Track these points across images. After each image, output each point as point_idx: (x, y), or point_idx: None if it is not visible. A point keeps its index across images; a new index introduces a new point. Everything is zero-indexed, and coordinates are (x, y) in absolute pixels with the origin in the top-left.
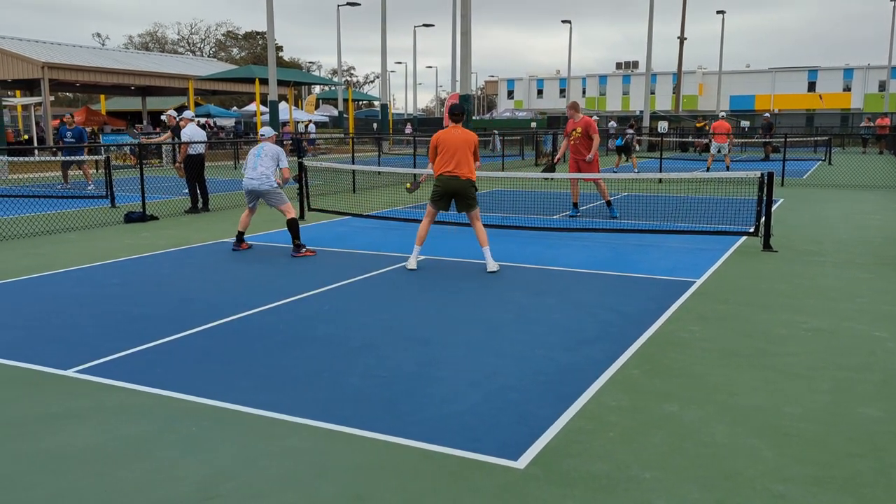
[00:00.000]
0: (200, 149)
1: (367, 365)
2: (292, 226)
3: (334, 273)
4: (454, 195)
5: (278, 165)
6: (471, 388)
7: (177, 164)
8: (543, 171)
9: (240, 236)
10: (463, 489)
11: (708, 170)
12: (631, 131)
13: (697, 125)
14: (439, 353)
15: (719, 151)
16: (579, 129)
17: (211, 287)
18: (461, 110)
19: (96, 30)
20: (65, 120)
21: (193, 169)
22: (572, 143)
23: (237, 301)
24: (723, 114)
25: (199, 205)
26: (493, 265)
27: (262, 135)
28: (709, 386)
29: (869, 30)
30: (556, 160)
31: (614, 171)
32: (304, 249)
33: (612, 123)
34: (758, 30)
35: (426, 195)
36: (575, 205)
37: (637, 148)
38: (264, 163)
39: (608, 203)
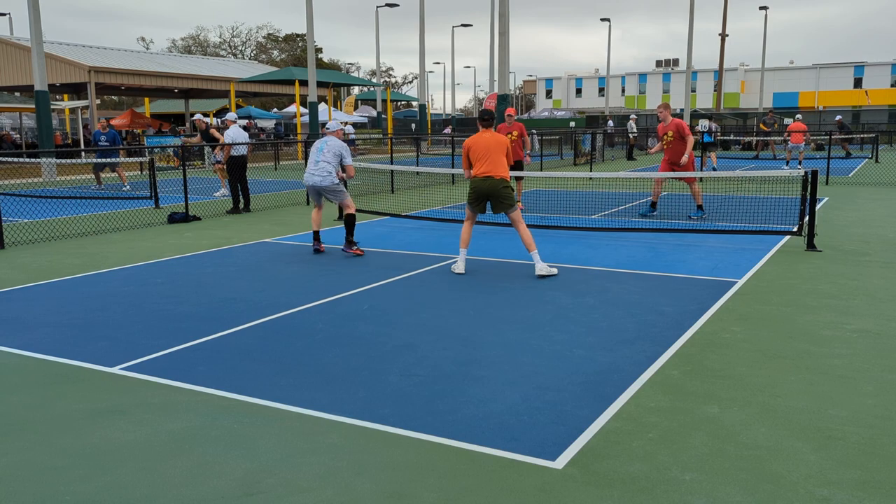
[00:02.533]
0: (243, 150)
1: (406, 364)
2: (349, 221)
3: (374, 273)
4: (488, 196)
5: (342, 162)
6: (509, 388)
7: (219, 166)
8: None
9: (316, 236)
10: (500, 489)
11: (787, 163)
12: (715, 126)
13: (764, 128)
14: (478, 352)
15: (795, 149)
16: (671, 133)
17: (252, 286)
18: (490, 115)
19: (141, 34)
20: (99, 126)
21: (235, 170)
22: (666, 147)
23: (278, 300)
24: (799, 116)
25: (241, 205)
26: (541, 269)
27: (327, 128)
28: (750, 387)
29: None
30: (649, 151)
31: (714, 169)
32: (354, 247)
33: (628, 124)
34: (801, 25)
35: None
36: (653, 204)
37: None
38: (326, 157)
39: (699, 206)
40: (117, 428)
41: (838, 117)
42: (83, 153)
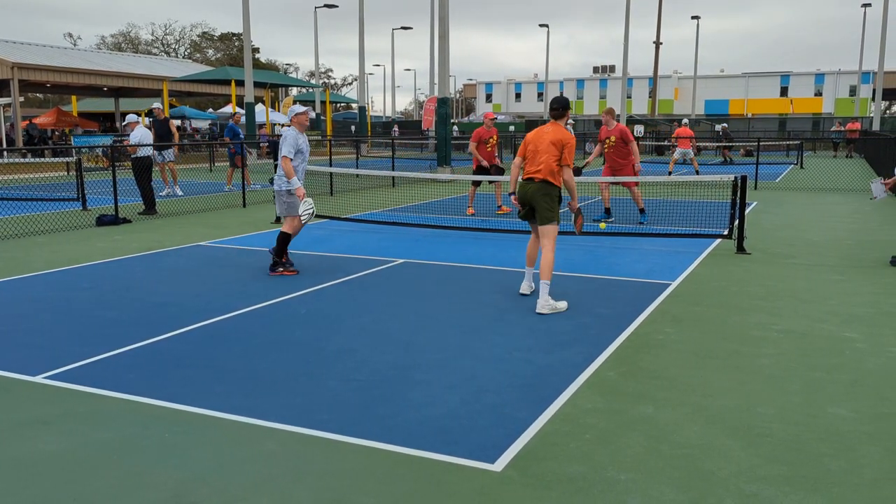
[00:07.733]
0: (148, 151)
1: (344, 368)
2: (282, 240)
3: (312, 276)
4: (530, 202)
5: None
6: (449, 392)
7: (171, 164)
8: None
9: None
10: (440, 493)
11: (670, 174)
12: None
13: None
14: (418, 356)
15: (683, 157)
16: (613, 138)
17: (186, 291)
18: (561, 104)
19: (68, 30)
20: (234, 119)
21: (142, 171)
22: (607, 150)
23: (212, 305)
24: (685, 121)
25: (144, 208)
26: (543, 305)
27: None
28: (683, 387)
29: (840, 35)
30: (585, 164)
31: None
32: (279, 269)
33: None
34: (732, 35)
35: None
36: (607, 210)
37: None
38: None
39: (641, 210)
40: (41, 439)
41: (724, 125)
42: (6, 153)
